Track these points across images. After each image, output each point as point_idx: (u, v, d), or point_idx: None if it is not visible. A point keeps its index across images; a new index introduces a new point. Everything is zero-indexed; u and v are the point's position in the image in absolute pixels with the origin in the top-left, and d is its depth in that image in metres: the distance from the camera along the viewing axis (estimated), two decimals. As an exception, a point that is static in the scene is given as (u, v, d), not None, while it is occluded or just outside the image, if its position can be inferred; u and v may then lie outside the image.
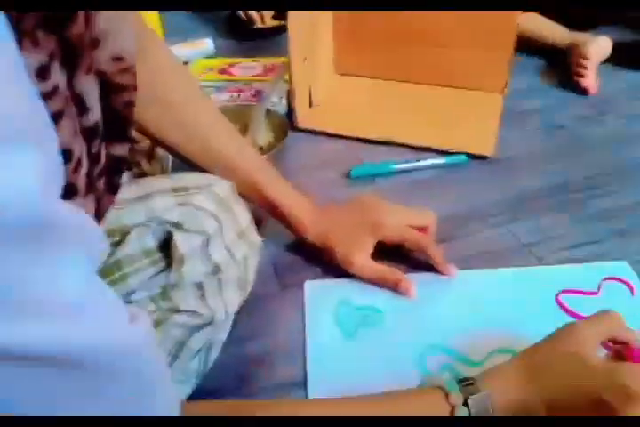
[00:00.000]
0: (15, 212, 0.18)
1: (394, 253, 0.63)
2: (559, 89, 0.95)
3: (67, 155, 0.23)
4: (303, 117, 0.88)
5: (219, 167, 0.57)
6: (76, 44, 0.25)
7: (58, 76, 0.23)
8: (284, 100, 0.90)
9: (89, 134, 0.26)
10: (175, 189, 0.50)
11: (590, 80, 0.93)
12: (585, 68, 0.94)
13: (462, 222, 0.69)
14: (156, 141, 0.57)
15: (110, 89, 0.30)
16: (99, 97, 0.28)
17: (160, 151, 0.71)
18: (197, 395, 0.51)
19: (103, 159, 0.27)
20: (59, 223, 0.20)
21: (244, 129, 0.81)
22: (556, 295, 0.58)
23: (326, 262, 0.63)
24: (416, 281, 0.60)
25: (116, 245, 0.44)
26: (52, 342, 0.20)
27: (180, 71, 0.58)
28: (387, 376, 0.52)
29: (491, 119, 0.86)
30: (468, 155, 0.79)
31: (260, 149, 0.81)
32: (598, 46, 0.96)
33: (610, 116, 0.87)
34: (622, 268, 0.61)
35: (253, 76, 0.96)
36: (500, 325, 0.55)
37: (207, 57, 1.08)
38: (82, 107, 0.26)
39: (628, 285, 0.59)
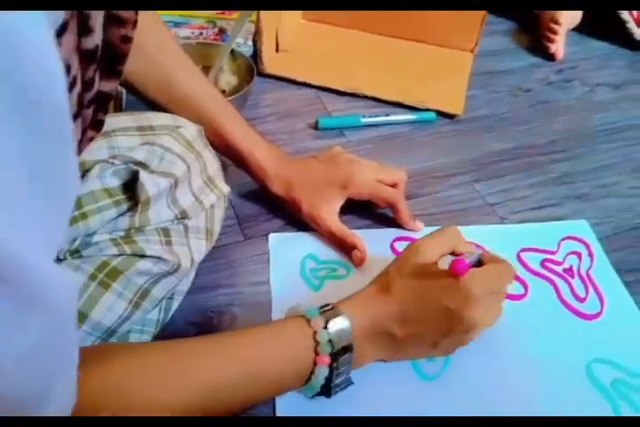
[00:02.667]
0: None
1: (359, 206, 0.62)
2: (528, 53, 0.94)
3: (65, 70, 0.21)
4: (269, 62, 0.84)
5: (179, 106, 0.53)
6: None
7: None
8: (250, 42, 0.85)
9: (88, 57, 0.24)
10: (140, 128, 0.46)
11: (559, 45, 0.93)
12: (555, 32, 0.93)
13: (428, 180, 0.69)
14: None
15: (110, 21, 0.27)
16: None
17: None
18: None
19: (96, 87, 0.24)
20: None
21: (206, 70, 0.76)
22: (518, 253, 0.60)
23: (290, 214, 0.61)
24: (382, 235, 0.60)
25: (76, 182, 0.40)
26: None
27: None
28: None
29: (460, 78, 0.85)
30: (436, 112, 0.78)
31: (223, 92, 0.77)
32: (570, 12, 0.96)
33: (575, 82, 0.88)
34: (581, 227, 0.63)
35: (217, 13, 0.89)
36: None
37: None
38: (85, 27, 0.24)
39: (585, 244, 0.61)
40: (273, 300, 0.54)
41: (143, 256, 0.41)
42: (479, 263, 0.45)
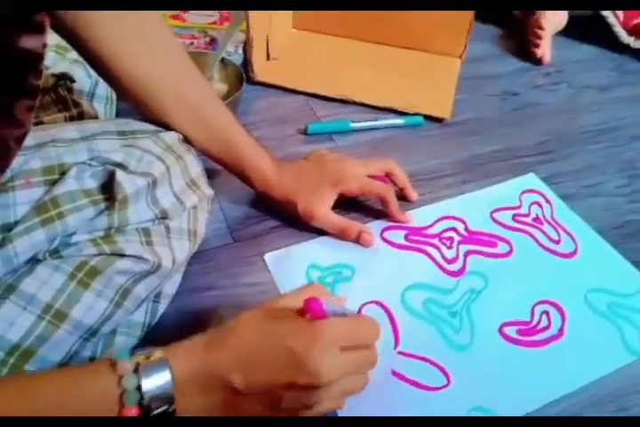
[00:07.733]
0: None
1: (352, 205, 0.64)
2: (515, 57, 0.95)
3: None
4: (260, 70, 0.85)
5: (190, 117, 0.52)
6: None
7: None
8: (240, 51, 0.86)
9: None
10: (121, 133, 0.47)
11: (544, 50, 0.94)
12: (539, 37, 0.95)
13: (417, 182, 0.69)
14: (116, 84, 0.50)
15: None
16: None
17: (103, 92, 0.66)
18: (143, 346, 0.49)
19: None
20: None
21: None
22: (491, 215, 0.64)
23: (284, 216, 0.62)
24: (371, 228, 0.61)
25: (54, 183, 0.41)
26: None
27: None
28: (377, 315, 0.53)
29: (448, 83, 0.86)
30: (424, 116, 0.79)
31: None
32: (554, 17, 0.97)
33: (562, 85, 0.89)
34: (532, 180, 0.69)
35: (209, 23, 0.91)
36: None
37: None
38: None
39: (540, 193, 0.67)
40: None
41: (123, 256, 0.41)
42: None
